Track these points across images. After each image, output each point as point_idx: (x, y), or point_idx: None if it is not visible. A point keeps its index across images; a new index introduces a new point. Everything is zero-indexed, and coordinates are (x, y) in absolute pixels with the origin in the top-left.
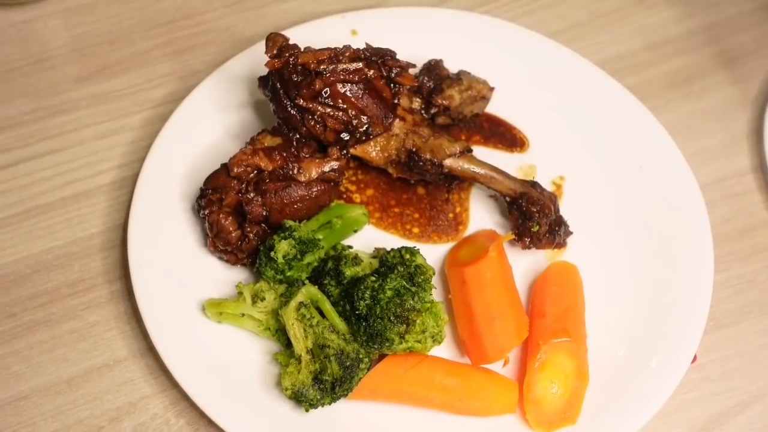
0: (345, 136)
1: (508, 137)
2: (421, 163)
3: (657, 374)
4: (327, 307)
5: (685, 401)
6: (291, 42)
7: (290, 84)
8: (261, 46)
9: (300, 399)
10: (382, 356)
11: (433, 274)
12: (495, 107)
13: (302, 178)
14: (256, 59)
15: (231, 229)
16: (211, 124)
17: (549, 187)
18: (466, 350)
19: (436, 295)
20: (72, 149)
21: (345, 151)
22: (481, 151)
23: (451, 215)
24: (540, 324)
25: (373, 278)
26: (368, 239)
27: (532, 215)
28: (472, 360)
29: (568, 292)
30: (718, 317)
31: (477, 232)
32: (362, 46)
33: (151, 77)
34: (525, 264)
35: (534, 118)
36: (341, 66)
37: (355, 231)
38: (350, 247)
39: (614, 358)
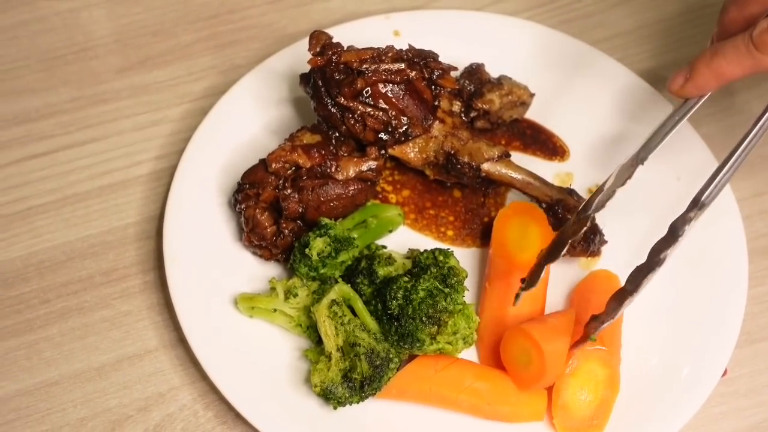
0: (384, 136)
1: (549, 146)
2: (458, 166)
3: (687, 386)
4: (359, 305)
5: (713, 415)
6: (334, 40)
7: (332, 82)
8: (303, 43)
9: (328, 396)
10: (412, 357)
11: (466, 276)
12: (534, 113)
13: (340, 177)
14: (297, 56)
15: (267, 224)
16: (250, 119)
17: (585, 195)
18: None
19: (468, 297)
20: (111, 139)
21: (383, 151)
22: (519, 157)
23: (486, 219)
24: (575, 330)
25: (406, 278)
26: (402, 240)
27: None
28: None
29: (605, 300)
30: (750, 332)
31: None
32: (405, 47)
33: (193, 70)
34: (556, 271)
35: (572, 126)
36: (383, 66)
37: (390, 231)
38: (384, 246)
39: (645, 367)
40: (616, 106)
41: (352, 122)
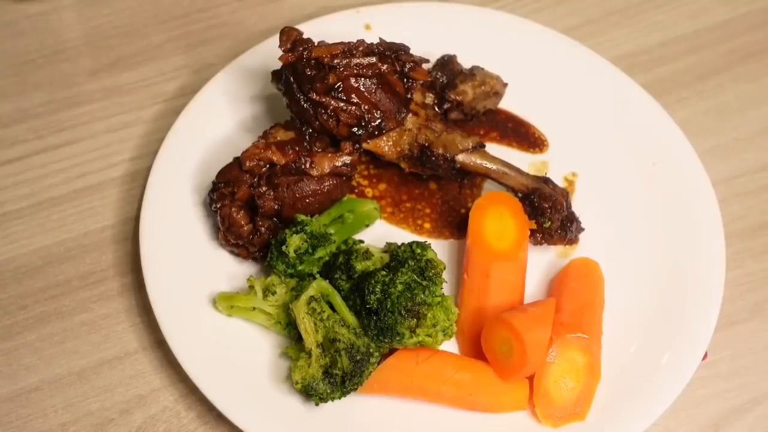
0: (357, 130)
1: (528, 137)
2: (433, 158)
3: (668, 371)
4: (338, 301)
5: (695, 398)
6: (305, 36)
7: (304, 78)
8: (274, 40)
9: (310, 393)
10: (392, 350)
11: (444, 268)
12: (507, 103)
13: (314, 173)
14: (269, 53)
15: (243, 222)
16: (223, 117)
17: (561, 183)
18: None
19: (447, 289)
20: (85, 142)
21: (357, 146)
22: (495, 149)
23: (462, 211)
24: (556, 319)
25: (384, 272)
26: (380, 234)
27: (544, 211)
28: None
29: (587, 288)
30: (729, 315)
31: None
32: (376, 40)
33: (165, 70)
34: (534, 260)
35: (546, 114)
36: (355, 60)
37: (367, 226)
38: (362, 241)
39: (625, 354)
40: (590, 93)
41: (325, 117)
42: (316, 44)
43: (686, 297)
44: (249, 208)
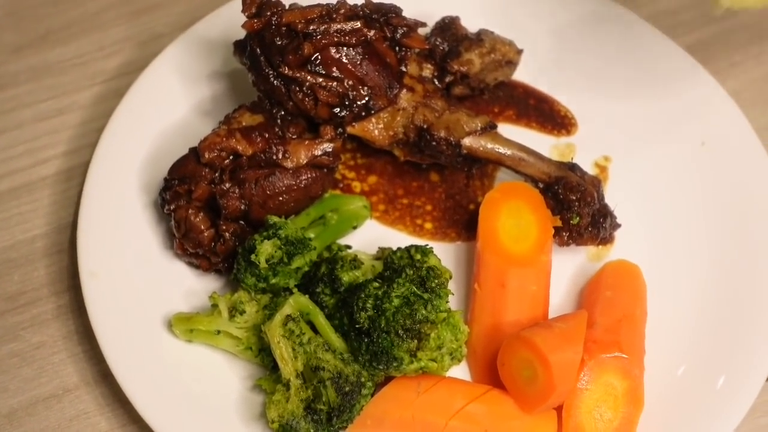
0: (340, 111)
1: (552, 116)
2: (434, 143)
3: (725, 396)
4: (320, 320)
5: (759, 427)
6: None
7: (273, 49)
8: (237, 3)
9: None
10: (388, 379)
11: (450, 277)
12: (525, 75)
13: (289, 164)
14: (231, 20)
15: (202, 227)
16: (176, 99)
17: (591, 170)
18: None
19: (454, 303)
20: (9, 134)
21: (341, 130)
22: (511, 130)
23: (471, 207)
24: (588, 336)
25: (377, 284)
26: (371, 237)
27: (571, 204)
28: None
29: (625, 297)
30: None
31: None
32: (360, 1)
33: (104, 44)
34: (560, 264)
35: (573, 87)
36: (335, 26)
37: (355, 227)
38: (348, 247)
39: (673, 377)
40: (625, 61)
41: (301, 96)
42: (287, 7)
43: (745, 306)
44: (210, 210)
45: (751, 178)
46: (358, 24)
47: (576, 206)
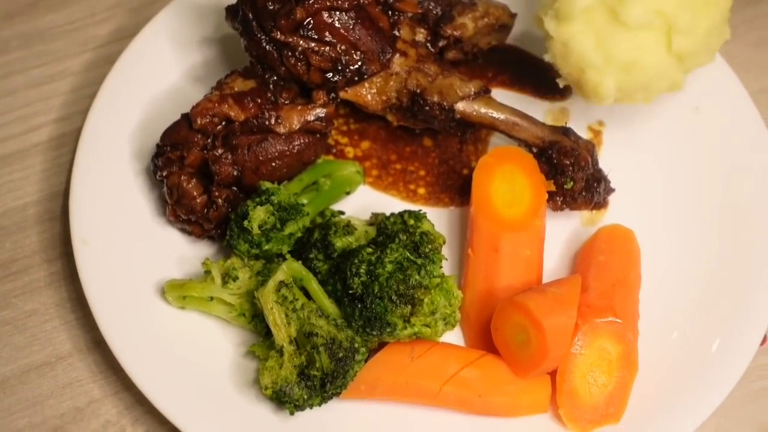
0: (333, 76)
1: (546, 81)
2: (427, 108)
3: (719, 360)
4: (314, 286)
5: (753, 392)
6: None
7: (265, 14)
8: None
9: (283, 399)
10: (382, 344)
11: (443, 242)
12: (519, 39)
13: (281, 130)
14: None
15: (195, 193)
16: (168, 65)
17: (585, 135)
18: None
19: (447, 268)
20: (1, 100)
21: (333, 95)
22: (504, 94)
23: (465, 171)
24: (582, 301)
25: (370, 250)
26: (364, 203)
27: (565, 169)
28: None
29: (619, 262)
30: None
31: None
32: None
33: (95, 10)
34: (554, 229)
35: None
36: None
37: (348, 193)
38: (341, 212)
39: (667, 341)
40: None
41: (293, 61)
42: None
43: (740, 270)
44: (202, 176)
45: (745, 143)
46: None
47: (570, 171)
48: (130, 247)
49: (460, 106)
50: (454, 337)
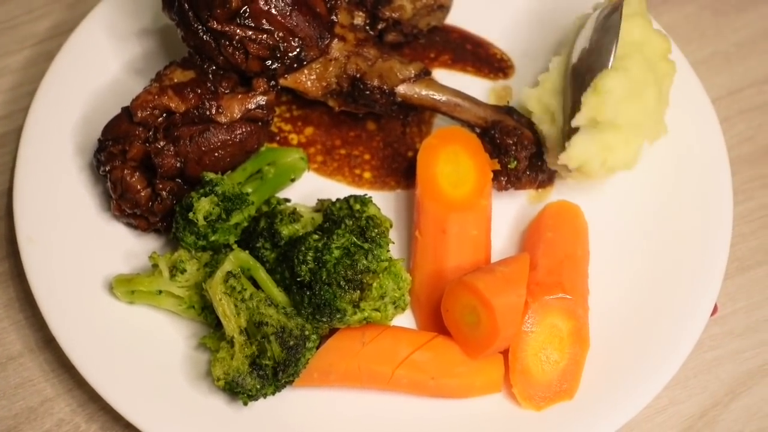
0: (272, 63)
1: (489, 60)
2: (367, 92)
3: (670, 332)
4: (262, 275)
5: (705, 362)
6: None
7: (201, 3)
8: None
9: (236, 390)
10: (333, 331)
11: (390, 226)
12: (459, 19)
13: (223, 119)
14: None
15: (139, 187)
16: (107, 59)
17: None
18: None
19: (395, 251)
20: None
21: (273, 83)
22: (447, 75)
23: (410, 154)
24: (531, 278)
25: (316, 236)
26: (309, 189)
27: (508, 148)
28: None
29: (566, 238)
30: (740, 258)
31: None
32: None
33: (32, 7)
34: (501, 208)
35: (508, 29)
36: None
37: (293, 180)
38: (287, 200)
39: (618, 315)
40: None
41: (231, 50)
42: None
43: (687, 240)
44: (145, 169)
45: (690, 114)
46: None
47: (513, 150)
48: (77, 244)
49: (401, 89)
50: (405, 320)
